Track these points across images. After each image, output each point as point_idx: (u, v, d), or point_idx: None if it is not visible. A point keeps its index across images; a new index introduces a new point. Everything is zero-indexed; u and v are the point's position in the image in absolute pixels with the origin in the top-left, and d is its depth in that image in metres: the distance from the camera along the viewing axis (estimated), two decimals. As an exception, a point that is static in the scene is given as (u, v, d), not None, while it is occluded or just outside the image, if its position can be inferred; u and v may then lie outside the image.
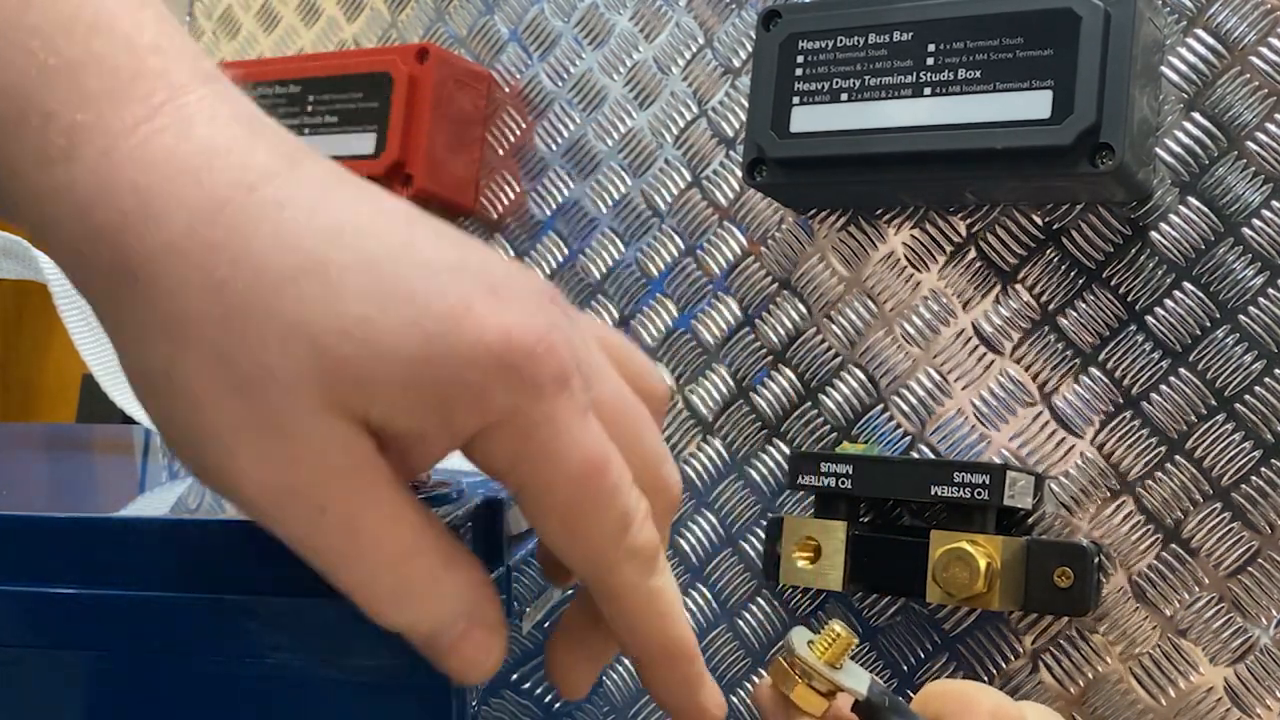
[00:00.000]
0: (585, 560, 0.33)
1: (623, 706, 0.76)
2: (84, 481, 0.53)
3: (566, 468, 0.30)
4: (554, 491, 0.31)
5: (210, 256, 0.28)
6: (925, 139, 0.65)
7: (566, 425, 0.30)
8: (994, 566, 0.62)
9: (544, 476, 0.31)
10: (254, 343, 0.28)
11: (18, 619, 0.39)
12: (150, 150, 0.29)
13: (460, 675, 0.33)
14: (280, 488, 0.29)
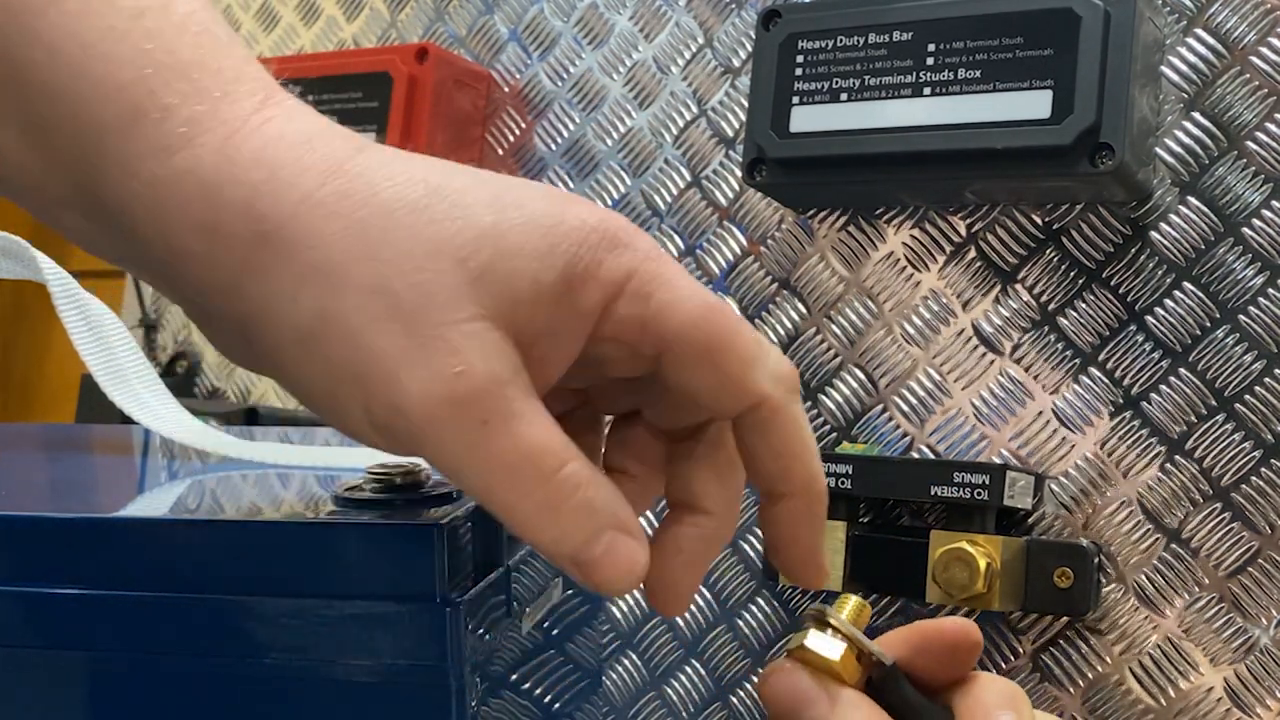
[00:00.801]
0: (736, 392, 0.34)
1: (623, 706, 0.76)
2: (84, 481, 0.53)
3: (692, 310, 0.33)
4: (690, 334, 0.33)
5: (345, 203, 0.31)
6: (925, 139, 0.65)
7: (676, 279, 0.33)
8: (994, 567, 0.62)
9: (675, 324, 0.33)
10: (404, 268, 0.31)
11: (18, 619, 0.39)
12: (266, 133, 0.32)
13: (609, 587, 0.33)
14: (446, 402, 0.31)
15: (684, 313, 0.33)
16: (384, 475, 0.41)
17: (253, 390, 0.92)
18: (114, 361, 0.53)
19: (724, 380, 0.34)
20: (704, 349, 0.33)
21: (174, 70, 0.32)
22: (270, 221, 0.31)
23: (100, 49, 0.31)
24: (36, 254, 0.53)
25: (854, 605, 0.37)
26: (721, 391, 0.34)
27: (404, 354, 0.31)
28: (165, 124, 0.31)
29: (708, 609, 0.75)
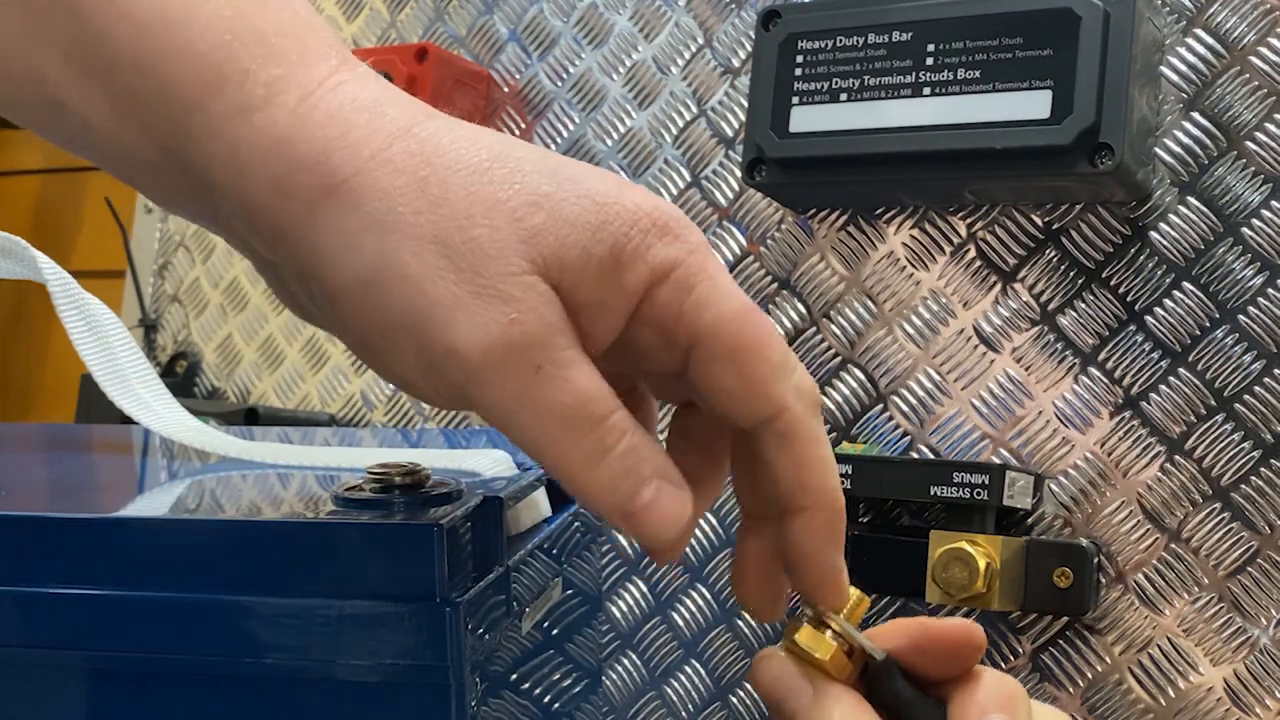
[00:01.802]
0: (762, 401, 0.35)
1: (622, 706, 0.76)
2: (84, 481, 0.53)
3: (727, 310, 0.34)
4: (723, 334, 0.34)
5: (411, 161, 0.33)
6: (925, 139, 0.65)
7: (719, 277, 0.34)
8: (993, 566, 0.62)
9: (710, 318, 0.34)
10: (462, 221, 0.33)
11: (18, 619, 0.39)
12: (339, 95, 0.34)
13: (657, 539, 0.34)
14: (501, 347, 0.32)
15: (720, 309, 0.34)
16: (384, 475, 0.41)
17: (253, 390, 0.92)
18: (114, 361, 0.53)
19: (748, 384, 0.34)
20: (733, 348, 0.34)
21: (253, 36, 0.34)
22: (339, 176, 0.33)
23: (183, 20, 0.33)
24: (36, 254, 0.53)
25: (851, 599, 0.37)
26: (744, 395, 0.34)
27: (458, 301, 0.32)
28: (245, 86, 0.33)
29: (707, 609, 0.75)
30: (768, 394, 0.34)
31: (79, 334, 0.52)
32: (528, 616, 0.45)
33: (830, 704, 0.36)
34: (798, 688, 0.36)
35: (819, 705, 0.36)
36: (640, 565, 0.77)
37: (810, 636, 0.36)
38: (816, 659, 0.36)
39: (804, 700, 0.36)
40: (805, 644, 0.36)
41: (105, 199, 1.01)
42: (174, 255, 0.97)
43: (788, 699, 0.36)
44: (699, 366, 0.35)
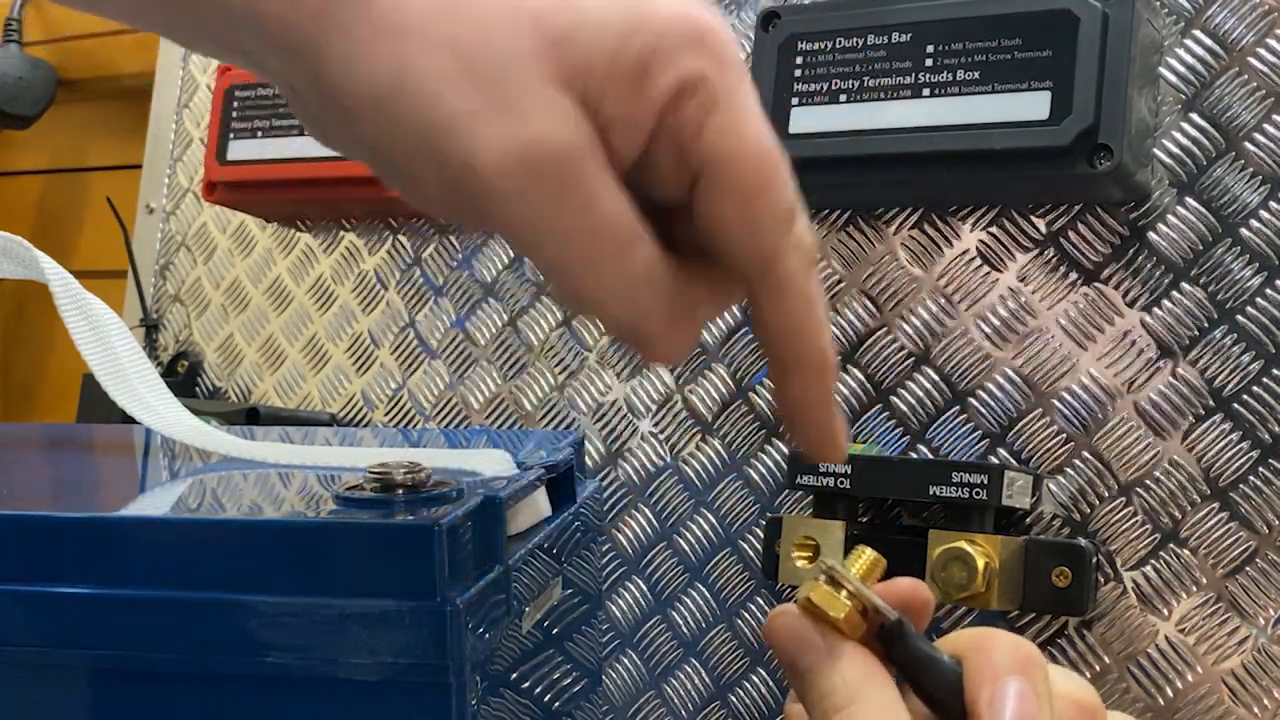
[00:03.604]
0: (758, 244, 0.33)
1: (622, 706, 0.76)
2: (84, 481, 0.53)
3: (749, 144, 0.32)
4: (736, 164, 0.32)
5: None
6: (924, 140, 0.65)
7: (748, 104, 0.32)
8: (992, 566, 0.62)
9: (729, 146, 0.32)
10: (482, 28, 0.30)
11: (18, 619, 0.39)
12: None
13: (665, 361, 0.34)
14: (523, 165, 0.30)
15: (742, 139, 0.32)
16: (384, 475, 0.41)
17: (254, 390, 0.93)
18: (115, 361, 0.53)
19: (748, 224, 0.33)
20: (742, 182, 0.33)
21: None
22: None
23: None
24: (38, 254, 0.53)
25: (867, 559, 0.37)
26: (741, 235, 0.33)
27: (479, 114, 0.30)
28: None
29: (707, 608, 0.75)
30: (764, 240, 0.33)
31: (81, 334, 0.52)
32: (528, 616, 0.45)
33: (844, 662, 0.35)
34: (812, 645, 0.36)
35: (833, 663, 0.36)
36: (640, 565, 0.77)
37: (825, 595, 0.36)
38: (831, 617, 0.36)
39: (818, 657, 0.36)
40: (820, 602, 0.36)
41: (107, 199, 1.01)
42: (175, 255, 0.97)
43: (802, 656, 0.36)
44: (704, 193, 0.33)
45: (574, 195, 0.31)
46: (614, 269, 0.32)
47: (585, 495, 0.54)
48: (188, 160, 0.99)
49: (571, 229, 0.31)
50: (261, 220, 0.94)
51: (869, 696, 0.35)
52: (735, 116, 0.32)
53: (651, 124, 0.32)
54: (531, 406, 0.82)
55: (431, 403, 0.86)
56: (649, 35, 0.31)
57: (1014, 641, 0.37)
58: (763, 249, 0.33)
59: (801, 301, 0.34)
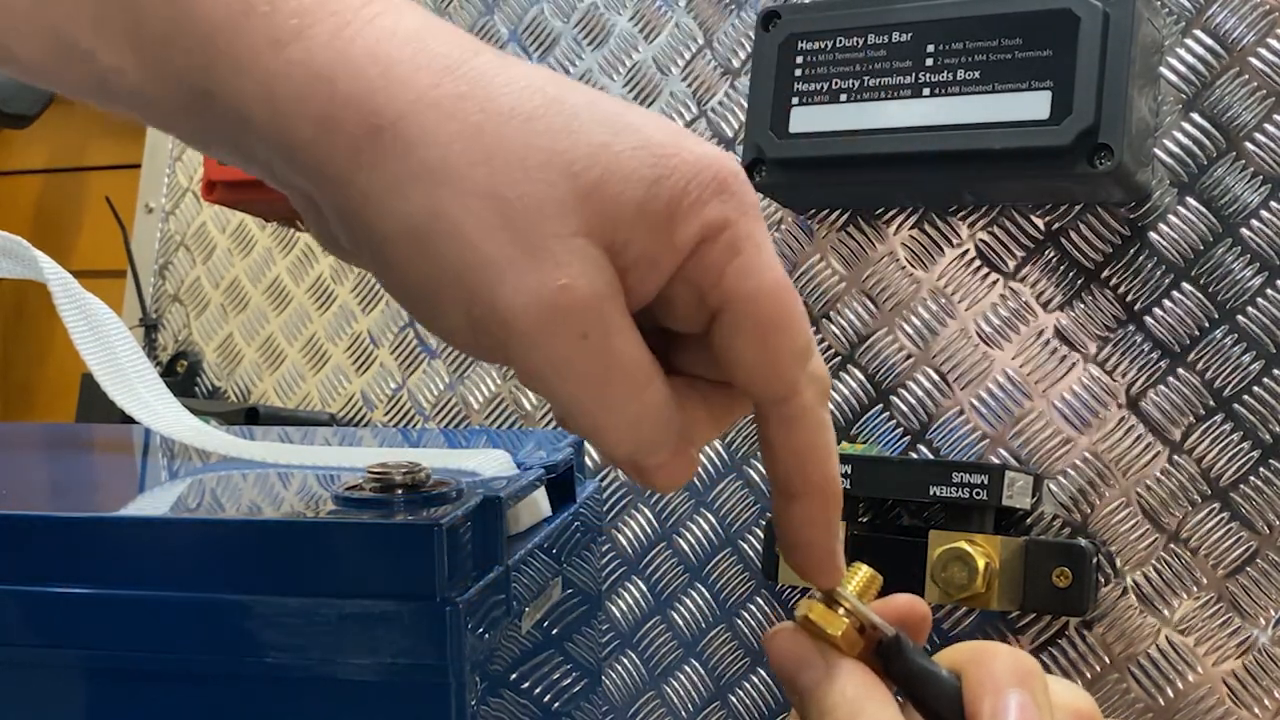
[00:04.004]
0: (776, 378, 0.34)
1: (622, 706, 0.76)
2: (84, 481, 0.53)
3: (768, 285, 0.34)
4: (756, 304, 0.34)
5: (461, 105, 0.32)
6: (924, 139, 0.65)
7: (765, 246, 0.34)
8: (992, 566, 0.62)
9: (749, 286, 0.33)
10: (517, 175, 0.31)
11: (18, 619, 0.39)
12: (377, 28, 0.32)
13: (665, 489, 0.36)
14: (549, 312, 0.31)
15: (761, 279, 0.34)
16: (384, 475, 0.41)
17: (253, 390, 0.93)
18: (114, 361, 0.53)
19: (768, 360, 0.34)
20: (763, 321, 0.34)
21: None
22: (385, 117, 0.31)
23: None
24: (37, 254, 0.53)
25: (863, 576, 0.38)
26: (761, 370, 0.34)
27: (510, 262, 0.31)
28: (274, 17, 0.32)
29: (706, 609, 0.75)
30: (783, 375, 0.34)
31: (80, 333, 0.52)
32: (528, 616, 0.45)
33: (843, 678, 0.36)
34: (811, 662, 0.36)
35: (832, 680, 0.36)
36: (640, 565, 0.77)
37: (823, 613, 0.37)
38: (829, 635, 0.36)
39: (817, 675, 0.36)
40: (818, 620, 0.36)
41: (106, 199, 1.01)
42: (174, 255, 0.97)
43: (801, 673, 0.36)
44: (724, 331, 0.34)
45: (595, 341, 0.32)
46: (625, 408, 0.33)
47: (585, 495, 0.54)
48: (187, 160, 0.99)
49: (589, 372, 0.32)
50: (261, 219, 0.94)
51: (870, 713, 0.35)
52: (756, 260, 0.34)
53: (674, 267, 0.33)
54: (531, 406, 0.82)
55: (431, 403, 0.85)
56: (677, 182, 0.32)
57: (1013, 654, 0.37)
58: (781, 382, 0.35)
59: (815, 432, 0.35)
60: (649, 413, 0.34)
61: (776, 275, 0.34)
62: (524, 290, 0.31)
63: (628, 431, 0.34)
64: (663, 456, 0.35)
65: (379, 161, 0.31)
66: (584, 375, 0.32)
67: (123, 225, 0.98)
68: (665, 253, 0.33)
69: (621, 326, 0.33)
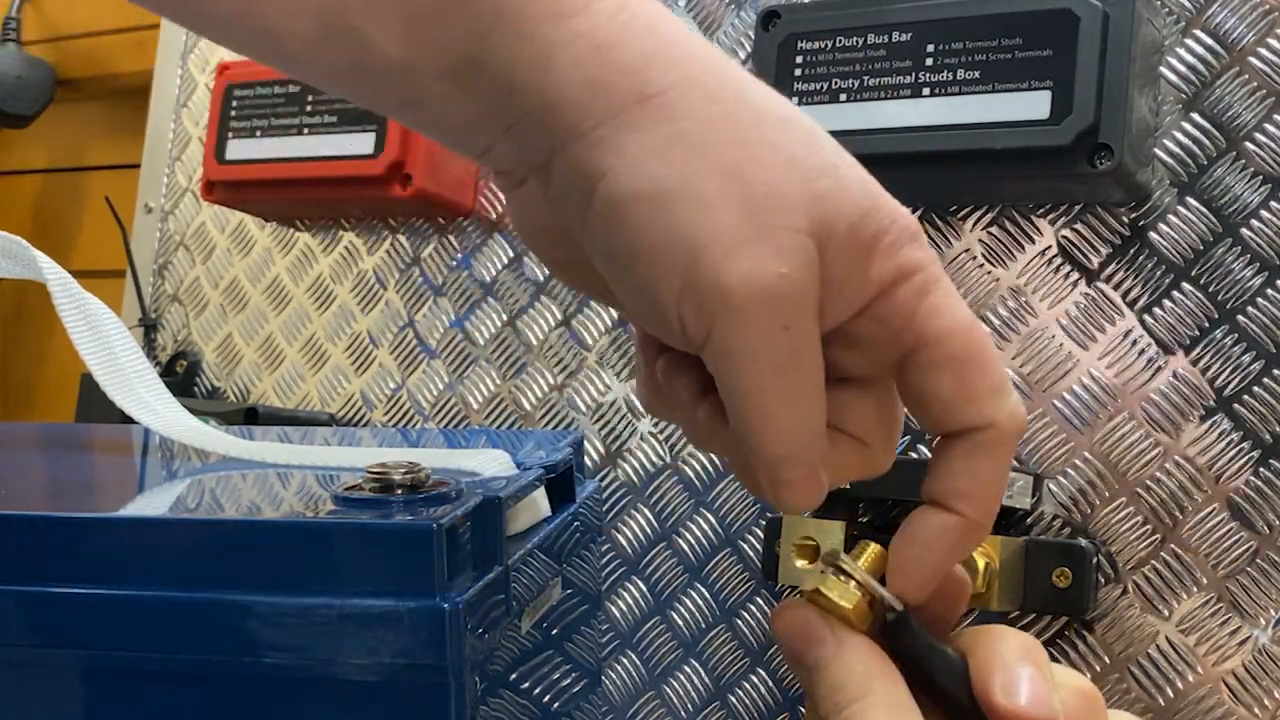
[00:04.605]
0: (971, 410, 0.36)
1: (622, 706, 0.76)
2: (84, 481, 0.53)
3: (960, 320, 0.36)
4: (952, 340, 0.35)
5: (722, 93, 0.34)
6: (924, 139, 0.65)
7: (953, 290, 0.36)
8: (992, 566, 0.62)
9: (943, 325, 0.35)
10: (764, 164, 0.34)
11: (18, 619, 0.39)
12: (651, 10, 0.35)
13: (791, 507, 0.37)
14: (764, 295, 0.33)
15: (953, 318, 0.35)
16: (383, 475, 0.41)
17: (253, 390, 0.93)
18: (114, 361, 0.53)
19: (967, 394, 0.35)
20: (959, 358, 0.35)
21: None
22: (656, 86, 0.34)
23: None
24: (36, 254, 0.53)
25: (872, 552, 0.37)
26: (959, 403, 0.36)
27: (742, 238, 0.33)
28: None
29: (706, 609, 0.75)
30: (983, 407, 0.36)
31: (79, 333, 0.52)
32: (527, 616, 0.45)
33: (852, 653, 0.36)
34: (820, 637, 0.36)
35: (841, 655, 0.36)
36: (640, 565, 0.77)
37: (834, 587, 0.36)
38: (840, 609, 0.36)
39: (826, 650, 0.36)
40: (829, 594, 0.36)
41: (105, 198, 1.01)
42: (174, 255, 0.97)
43: (810, 648, 0.36)
44: (919, 370, 0.36)
45: (794, 335, 0.34)
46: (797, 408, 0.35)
47: (585, 495, 0.54)
48: (186, 159, 0.99)
49: (780, 363, 0.34)
50: (260, 220, 0.94)
51: (878, 689, 0.35)
52: (946, 299, 0.36)
53: (867, 299, 0.35)
54: (531, 406, 0.82)
55: (430, 403, 0.85)
56: (883, 219, 0.35)
57: (1018, 634, 0.37)
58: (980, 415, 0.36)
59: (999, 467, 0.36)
60: (812, 421, 0.35)
61: (967, 315, 0.36)
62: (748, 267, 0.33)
63: (790, 432, 0.35)
64: (803, 472, 0.36)
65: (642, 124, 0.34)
66: (774, 364, 0.34)
67: (122, 225, 0.98)
68: (860, 281, 0.35)
69: (814, 330, 0.34)
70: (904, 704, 0.35)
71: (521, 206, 0.37)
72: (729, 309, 0.33)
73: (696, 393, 0.37)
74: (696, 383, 0.37)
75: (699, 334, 0.34)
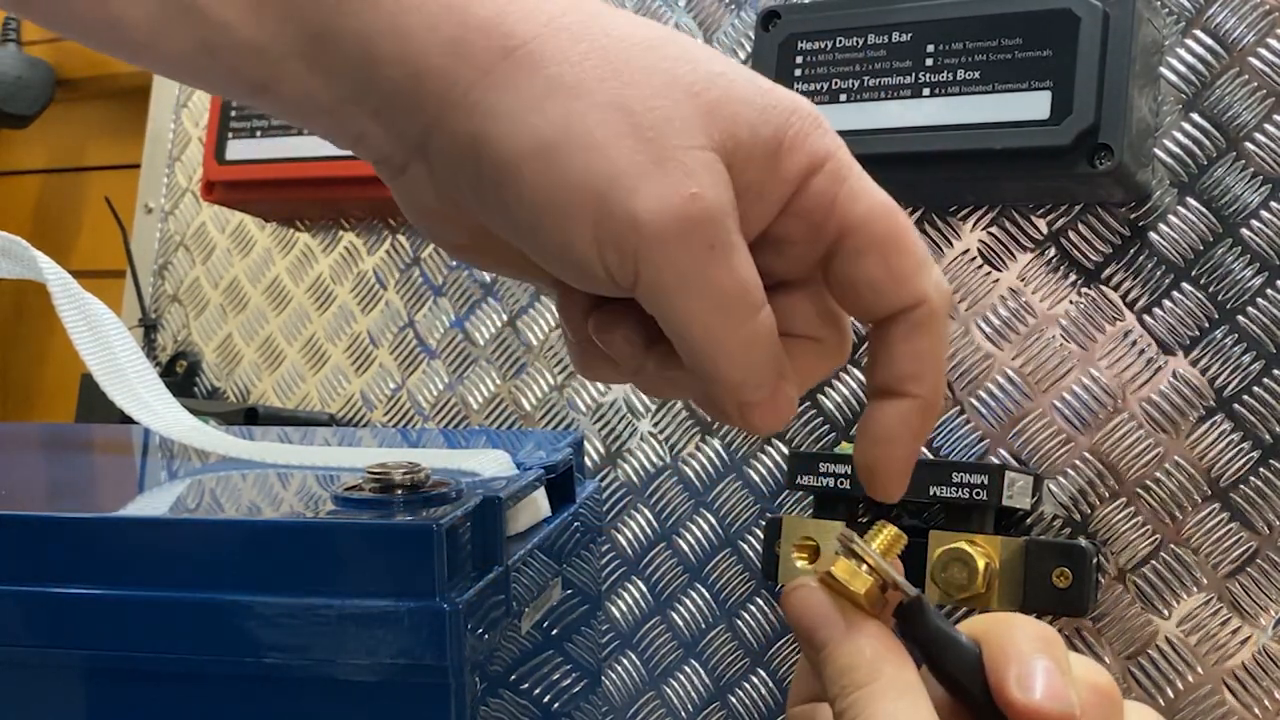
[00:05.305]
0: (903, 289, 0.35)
1: (622, 706, 0.76)
2: (84, 481, 0.53)
3: (879, 200, 0.35)
4: (874, 224, 0.35)
5: (588, 29, 0.33)
6: (924, 139, 0.65)
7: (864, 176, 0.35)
8: (992, 567, 0.62)
9: (862, 209, 0.35)
10: (645, 91, 0.33)
11: (18, 619, 0.39)
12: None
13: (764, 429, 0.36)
14: (679, 220, 0.32)
15: (873, 202, 0.35)
16: (383, 475, 0.41)
17: (253, 390, 0.93)
18: (114, 361, 0.53)
19: (895, 274, 0.35)
20: (884, 239, 0.35)
21: None
22: (518, 38, 0.33)
23: None
24: (36, 254, 0.53)
25: (887, 535, 0.37)
26: (889, 284, 0.35)
27: (642, 170, 0.32)
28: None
29: (706, 609, 0.75)
30: (913, 285, 0.35)
31: (79, 334, 0.52)
32: (527, 616, 0.45)
33: (863, 637, 0.35)
34: (831, 619, 0.36)
35: (851, 638, 0.35)
36: (640, 565, 0.77)
37: (846, 569, 0.36)
38: (851, 591, 0.36)
39: (836, 632, 0.35)
40: (841, 576, 0.36)
41: (105, 198, 1.01)
42: (174, 255, 0.97)
43: (820, 629, 0.36)
44: (847, 258, 0.35)
45: (720, 252, 0.33)
46: (742, 329, 0.34)
47: (585, 495, 0.54)
48: (186, 160, 0.99)
49: (713, 286, 0.33)
50: (260, 220, 0.94)
51: (889, 674, 0.34)
52: (862, 183, 0.35)
53: (784, 198, 0.34)
54: (531, 406, 0.82)
55: (430, 403, 0.85)
56: (782, 114, 0.34)
57: (1035, 623, 0.36)
58: (911, 293, 0.36)
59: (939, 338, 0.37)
60: (762, 337, 0.34)
61: (884, 196, 0.35)
62: (656, 197, 0.32)
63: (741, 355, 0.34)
64: (766, 392, 0.35)
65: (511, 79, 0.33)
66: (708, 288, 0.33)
67: (122, 225, 0.98)
68: (774, 182, 0.34)
69: (740, 244, 0.33)
70: (913, 690, 0.34)
71: (409, 195, 0.36)
72: (648, 242, 0.32)
73: (639, 344, 0.36)
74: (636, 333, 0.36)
75: (626, 275, 0.33)
